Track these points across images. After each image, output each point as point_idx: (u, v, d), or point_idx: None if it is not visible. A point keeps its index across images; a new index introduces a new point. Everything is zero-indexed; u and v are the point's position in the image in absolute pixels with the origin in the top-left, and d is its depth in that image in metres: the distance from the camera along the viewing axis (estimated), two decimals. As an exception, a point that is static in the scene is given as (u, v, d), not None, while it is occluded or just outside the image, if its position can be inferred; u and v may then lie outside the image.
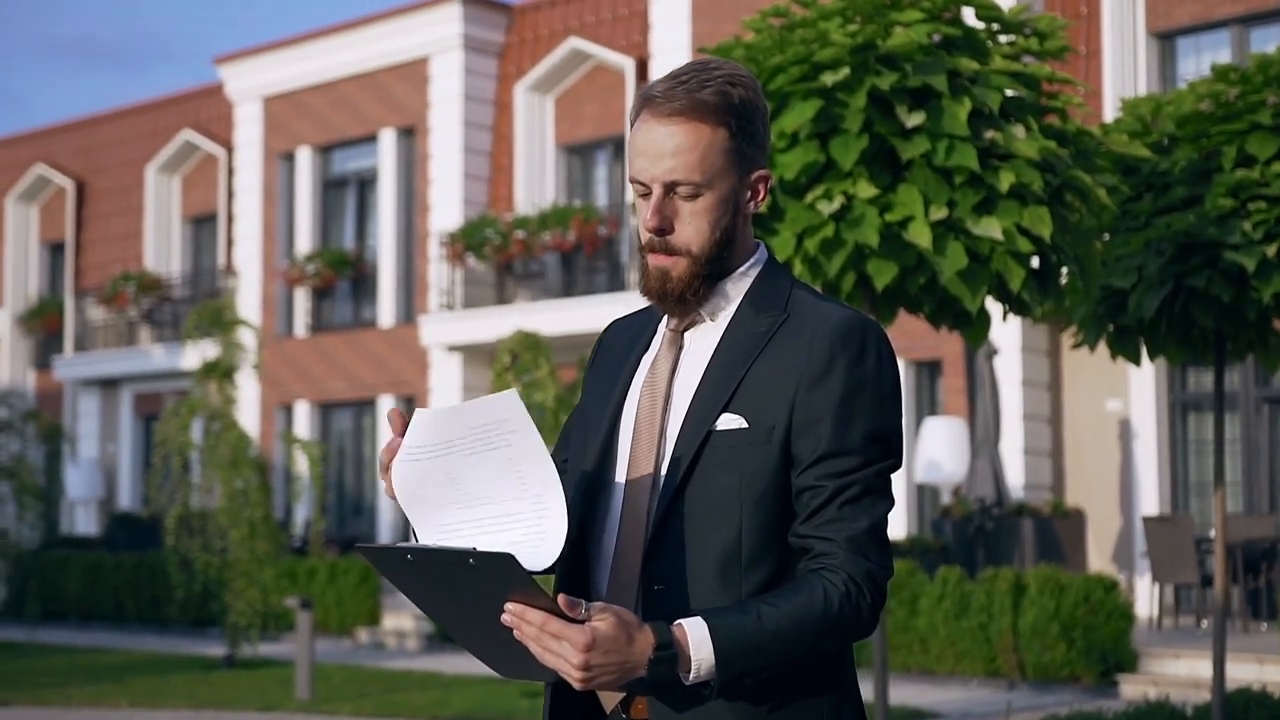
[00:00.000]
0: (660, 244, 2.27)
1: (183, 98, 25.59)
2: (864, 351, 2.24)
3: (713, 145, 2.23)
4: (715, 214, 2.26)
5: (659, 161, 2.24)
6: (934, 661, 13.27)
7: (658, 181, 2.24)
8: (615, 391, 2.38)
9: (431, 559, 2.04)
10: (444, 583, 2.07)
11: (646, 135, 2.25)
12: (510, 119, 21.21)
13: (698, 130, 2.23)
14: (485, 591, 2.03)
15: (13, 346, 27.24)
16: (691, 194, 2.24)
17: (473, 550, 2.00)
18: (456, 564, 2.01)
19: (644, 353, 2.40)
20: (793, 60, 6.13)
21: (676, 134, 2.23)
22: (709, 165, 2.23)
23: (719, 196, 2.26)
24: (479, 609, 2.06)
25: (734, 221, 2.29)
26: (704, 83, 2.24)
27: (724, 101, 2.24)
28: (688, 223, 2.26)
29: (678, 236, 2.26)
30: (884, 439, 2.23)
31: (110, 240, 26.08)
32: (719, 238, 2.27)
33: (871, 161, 6.12)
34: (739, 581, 2.20)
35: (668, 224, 2.26)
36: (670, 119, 2.23)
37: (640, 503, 2.27)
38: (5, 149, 28.25)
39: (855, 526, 2.18)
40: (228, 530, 14.93)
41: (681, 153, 2.23)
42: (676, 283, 2.28)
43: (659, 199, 2.25)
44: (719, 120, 2.24)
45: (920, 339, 16.31)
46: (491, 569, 2.00)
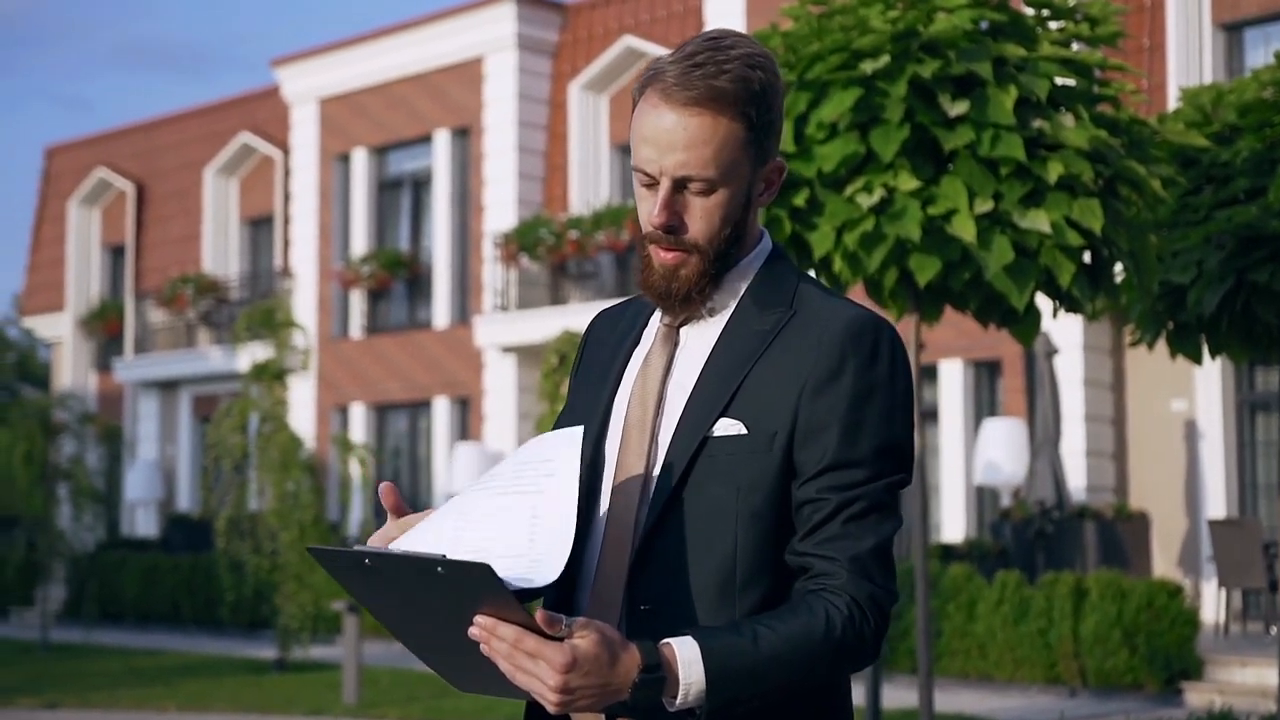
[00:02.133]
0: (667, 239, 2.07)
1: (240, 100, 25.66)
2: (876, 354, 2.03)
3: (730, 139, 2.03)
4: (727, 209, 2.06)
5: (670, 154, 2.03)
6: (992, 667, 12.98)
7: (668, 175, 2.04)
8: (603, 391, 2.18)
9: (394, 565, 1.85)
10: (406, 591, 1.88)
11: (656, 122, 2.03)
12: (564, 118, 21.07)
13: (715, 122, 2.02)
14: (453, 603, 1.85)
15: (75, 349, 27.42)
16: (704, 190, 2.04)
17: (442, 557, 1.81)
18: (423, 571, 1.82)
19: (634, 348, 2.20)
20: (831, 48, 5.93)
21: (691, 125, 2.01)
22: (724, 160, 2.03)
23: (733, 192, 2.06)
24: (444, 621, 1.88)
25: (745, 216, 2.10)
26: (722, 67, 2.02)
27: (744, 90, 2.02)
28: (698, 219, 2.06)
29: (688, 233, 2.07)
30: (895, 451, 2.03)
31: (169, 243, 26.19)
32: (730, 234, 2.08)
33: (913, 153, 5.91)
34: (733, 603, 2.00)
35: (677, 220, 2.06)
36: (685, 108, 2.01)
37: (627, 515, 2.07)
38: (67, 153, 28.47)
39: (860, 546, 1.98)
40: (278, 532, 14.87)
41: (695, 146, 2.02)
42: (684, 281, 2.08)
43: (668, 194, 2.05)
44: (738, 112, 2.02)
45: (978, 338, 16.01)
46: (463, 578, 1.81)
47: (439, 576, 1.81)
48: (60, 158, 28.61)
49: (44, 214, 28.75)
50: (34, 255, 28.82)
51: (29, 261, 28.94)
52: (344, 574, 1.93)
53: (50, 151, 28.93)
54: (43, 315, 28.19)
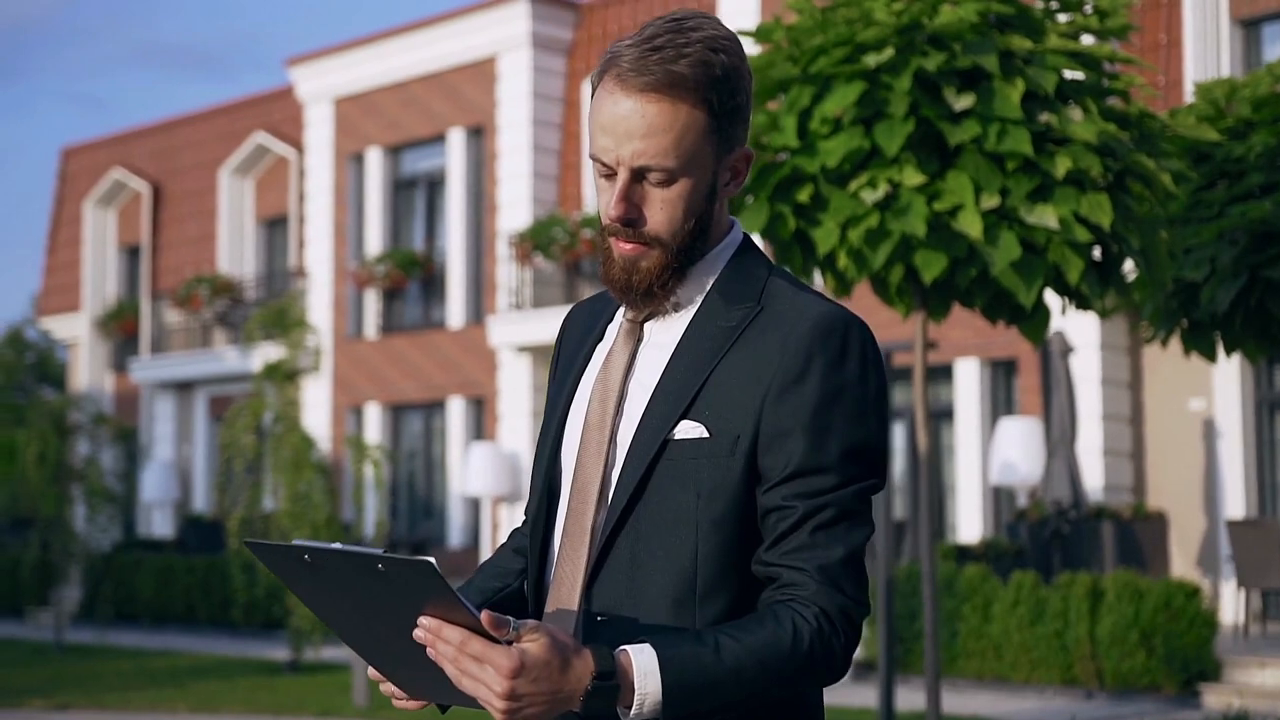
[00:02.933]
0: (626, 232, 1.98)
1: (255, 100, 25.64)
2: (845, 353, 1.94)
3: (690, 127, 1.93)
4: (690, 201, 1.96)
5: (626, 142, 1.93)
6: (1008, 669, 12.86)
7: (625, 165, 1.94)
8: (565, 390, 2.10)
9: (334, 561, 1.77)
10: (347, 589, 1.80)
11: (612, 109, 1.94)
12: (579, 117, 21.00)
13: (673, 109, 1.92)
14: (396, 603, 1.77)
15: (91, 350, 27.44)
16: (664, 180, 1.95)
17: (382, 553, 1.72)
18: (363, 569, 1.74)
19: (598, 343, 2.11)
20: (835, 41, 5.84)
21: (648, 113, 1.91)
22: (684, 149, 1.93)
23: (695, 183, 1.96)
24: (389, 623, 1.80)
25: (709, 207, 2.00)
26: (681, 51, 1.92)
27: (705, 75, 1.92)
28: (658, 210, 1.96)
29: (648, 225, 1.97)
30: (865, 455, 1.93)
31: (185, 243, 26.20)
32: (693, 226, 1.98)
33: (918, 147, 5.82)
34: (693, 613, 1.91)
35: (635, 212, 1.96)
36: (641, 94, 1.91)
37: (584, 519, 1.99)
38: (83, 154, 28.50)
39: (828, 555, 1.89)
40: (290, 533, 14.81)
41: (653, 134, 1.92)
42: (644, 274, 1.98)
43: (625, 184, 1.95)
44: (698, 98, 1.92)
45: (994, 337, 15.89)
46: (405, 577, 1.72)
47: (380, 574, 1.73)
48: (76, 158, 28.65)
49: (60, 215, 28.79)
50: (50, 256, 28.86)
51: (45, 262, 28.98)
52: (285, 571, 1.86)
53: (66, 152, 28.97)
54: (59, 316, 28.23)
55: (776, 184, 5.91)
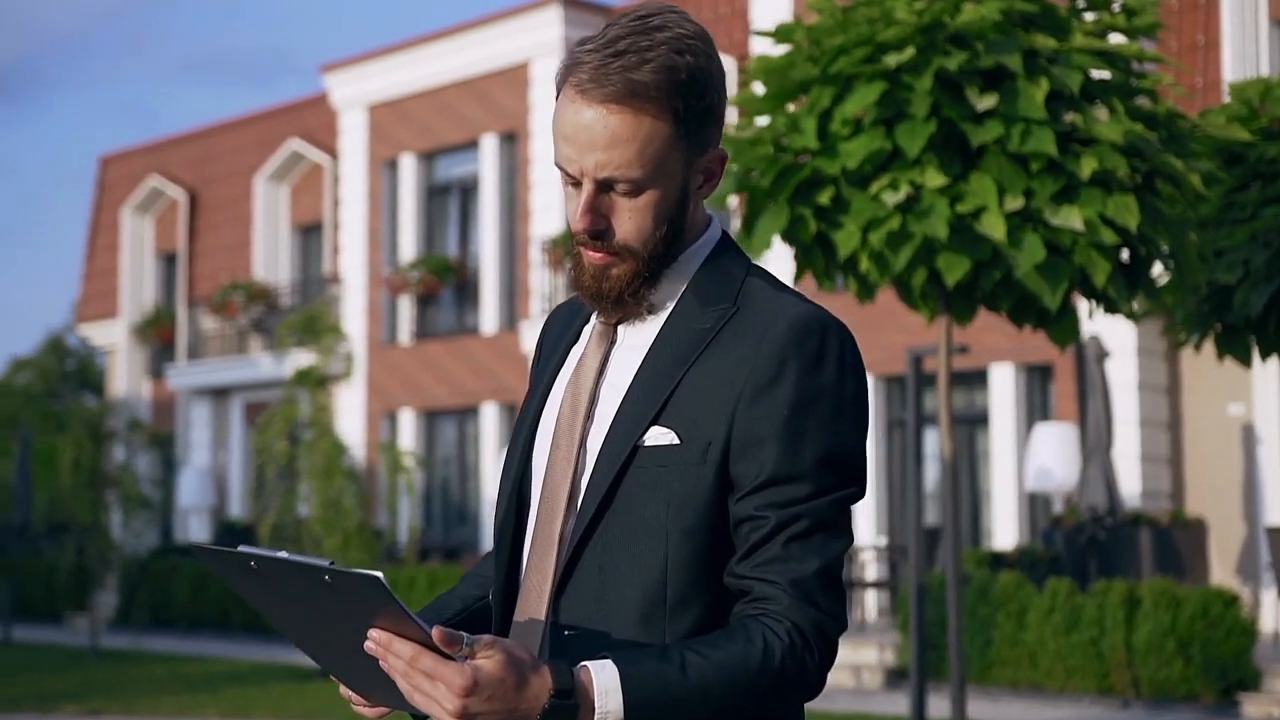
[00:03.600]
0: (595, 243, 1.91)
1: (290, 108, 25.72)
2: (822, 356, 1.86)
3: (655, 135, 1.85)
4: (659, 209, 1.89)
5: (590, 153, 1.85)
6: (1043, 677, 12.72)
7: (589, 177, 1.87)
8: (538, 393, 2.04)
9: (281, 570, 1.71)
10: (296, 597, 1.75)
11: (574, 119, 1.86)
12: (612, 122, 20.93)
13: (636, 119, 1.84)
14: (346, 615, 1.72)
15: (129, 356, 27.58)
16: (630, 191, 1.87)
17: (329, 565, 1.67)
18: (310, 580, 1.68)
19: (573, 345, 2.05)
20: (855, 41, 5.75)
21: (611, 123, 1.84)
22: (651, 158, 1.85)
23: (664, 191, 1.89)
24: (339, 631, 1.75)
25: (682, 213, 1.93)
26: (644, 56, 1.83)
27: (669, 81, 1.84)
28: (626, 221, 1.89)
29: (617, 235, 1.90)
30: (842, 462, 1.85)
31: (221, 250, 26.30)
32: (665, 233, 1.91)
33: (940, 148, 5.72)
34: (663, 627, 1.84)
35: (603, 223, 1.89)
36: (603, 105, 1.84)
37: (552, 527, 1.91)
38: (121, 161, 28.66)
39: (803, 568, 1.81)
40: (322, 539, 14.81)
41: (617, 145, 1.84)
42: (615, 282, 1.92)
43: (591, 196, 1.88)
44: (662, 105, 1.84)
45: (1029, 342, 15.74)
46: (352, 590, 1.67)
47: (328, 585, 1.68)
48: (115, 166, 28.82)
49: (99, 222, 28.96)
50: (89, 263, 29.03)
51: (84, 269, 29.16)
52: (234, 577, 1.81)
53: (105, 160, 29.14)
54: (98, 323, 28.39)
55: (797, 186, 5.83)
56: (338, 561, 14.50)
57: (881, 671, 14.10)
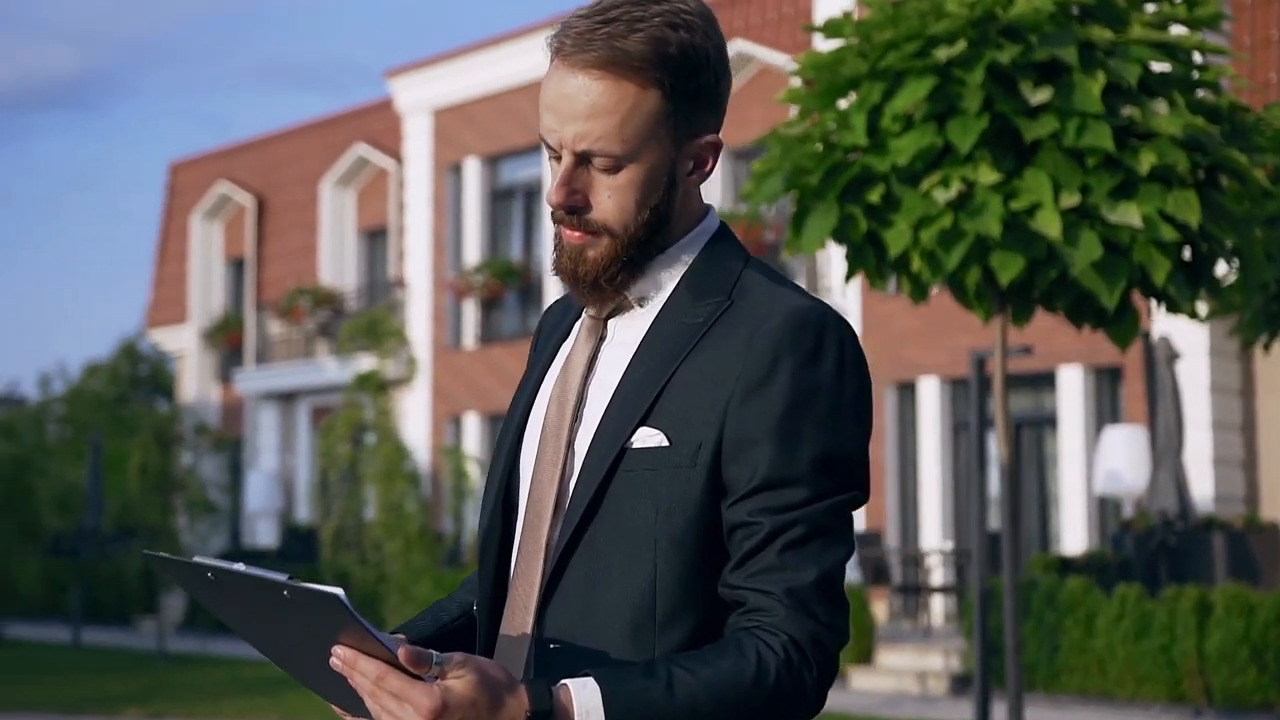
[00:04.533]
0: (571, 220, 1.81)
1: (356, 113, 25.84)
2: (819, 351, 1.74)
3: (638, 109, 1.75)
4: (641, 191, 1.79)
5: (569, 123, 1.76)
6: (1113, 685, 12.48)
7: (568, 148, 1.78)
8: (526, 392, 1.93)
9: (239, 583, 1.64)
10: (258, 610, 1.68)
11: (557, 86, 1.77)
12: (675, 124, 20.84)
13: (619, 88, 1.74)
14: (308, 629, 1.64)
15: (199, 361, 27.81)
16: (609, 167, 1.77)
17: (288, 580, 1.59)
18: (269, 593, 1.61)
19: (564, 341, 1.95)
20: (906, 35, 5.62)
21: (591, 90, 1.74)
22: (632, 133, 1.76)
23: (646, 170, 1.78)
24: (305, 646, 1.67)
25: (668, 197, 1.81)
26: (634, 26, 1.74)
27: (656, 52, 1.74)
28: (605, 199, 1.79)
29: (594, 213, 1.80)
30: (841, 465, 1.74)
31: (288, 255, 26.46)
32: (647, 218, 1.80)
33: (993, 144, 5.58)
34: (652, 641, 1.73)
35: (580, 200, 1.79)
36: (585, 71, 1.75)
37: (539, 536, 1.81)
38: (191, 168, 28.92)
39: (799, 577, 1.69)
40: (383, 543, 14.82)
41: (597, 115, 1.75)
42: (591, 265, 1.81)
43: (568, 169, 1.78)
44: (648, 78, 1.75)
45: (1099, 343, 15.45)
46: (311, 606, 1.58)
47: (286, 600, 1.59)
48: (184, 172, 29.08)
49: (169, 228, 29.24)
50: (159, 269, 29.31)
51: (155, 275, 29.44)
52: (193, 587, 1.73)
53: (175, 167, 29.42)
54: (168, 328, 28.65)
55: (847, 184, 5.71)
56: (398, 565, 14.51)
57: (947, 678, 13.91)
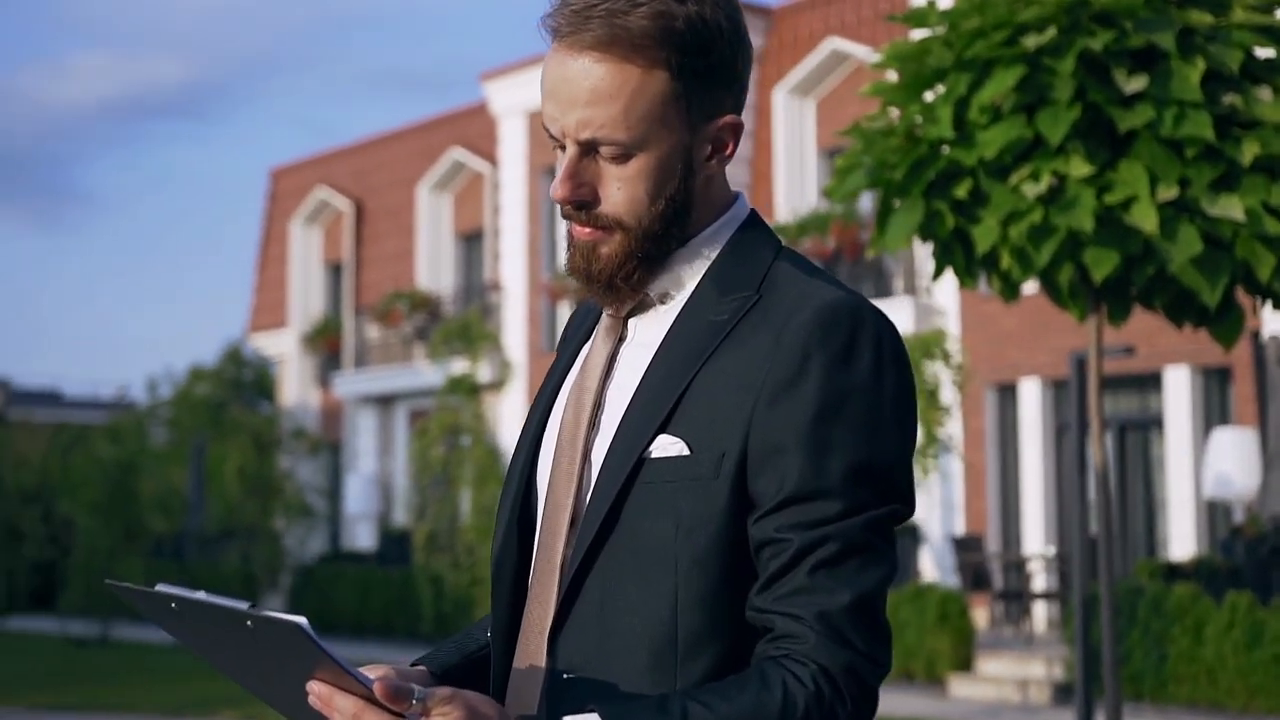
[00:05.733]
0: (580, 216, 1.66)
1: (452, 117, 25.90)
2: (853, 348, 1.58)
3: (644, 92, 1.60)
4: (654, 180, 1.63)
5: (571, 110, 1.61)
6: (1224, 696, 12.10)
7: (571, 138, 1.63)
8: (544, 399, 1.78)
9: (201, 612, 1.53)
10: (225, 639, 1.57)
11: (556, 70, 1.63)
12: (770, 125, 20.64)
13: (622, 70, 1.59)
14: (279, 659, 1.52)
15: (299, 365, 28.05)
16: (617, 156, 1.62)
17: (249, 608, 1.47)
18: (233, 623, 1.50)
19: (584, 344, 1.80)
20: (993, 24, 5.41)
21: (592, 73, 1.60)
22: (639, 119, 1.61)
23: (658, 158, 1.63)
24: (274, 673, 1.56)
25: (686, 186, 1.66)
26: (635, 2, 1.59)
27: (661, 29, 1.59)
28: (615, 190, 1.64)
29: (604, 206, 1.65)
30: (878, 475, 1.57)
31: (385, 259, 26.60)
32: (663, 209, 1.65)
33: (1086, 135, 5.35)
34: (673, 671, 1.57)
35: (587, 193, 1.64)
36: (585, 54, 1.60)
37: (553, 556, 1.66)
38: (291, 174, 29.19)
39: (832, 600, 1.52)
40: (476, 547, 14.80)
41: (599, 101, 1.60)
42: (605, 262, 1.66)
43: (573, 161, 1.64)
44: (653, 57, 1.60)
45: (1207, 342, 15.02)
46: (275, 636, 1.47)
47: (250, 630, 1.48)
48: (284, 179, 29.37)
49: (270, 233, 29.54)
50: (261, 274, 29.62)
51: (256, 281, 29.76)
52: (158, 617, 1.62)
53: (275, 173, 29.72)
54: (269, 333, 28.94)
55: (932, 179, 5.51)
56: (481, 576, 14.43)
57: (1049, 686, 13.57)
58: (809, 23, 20.65)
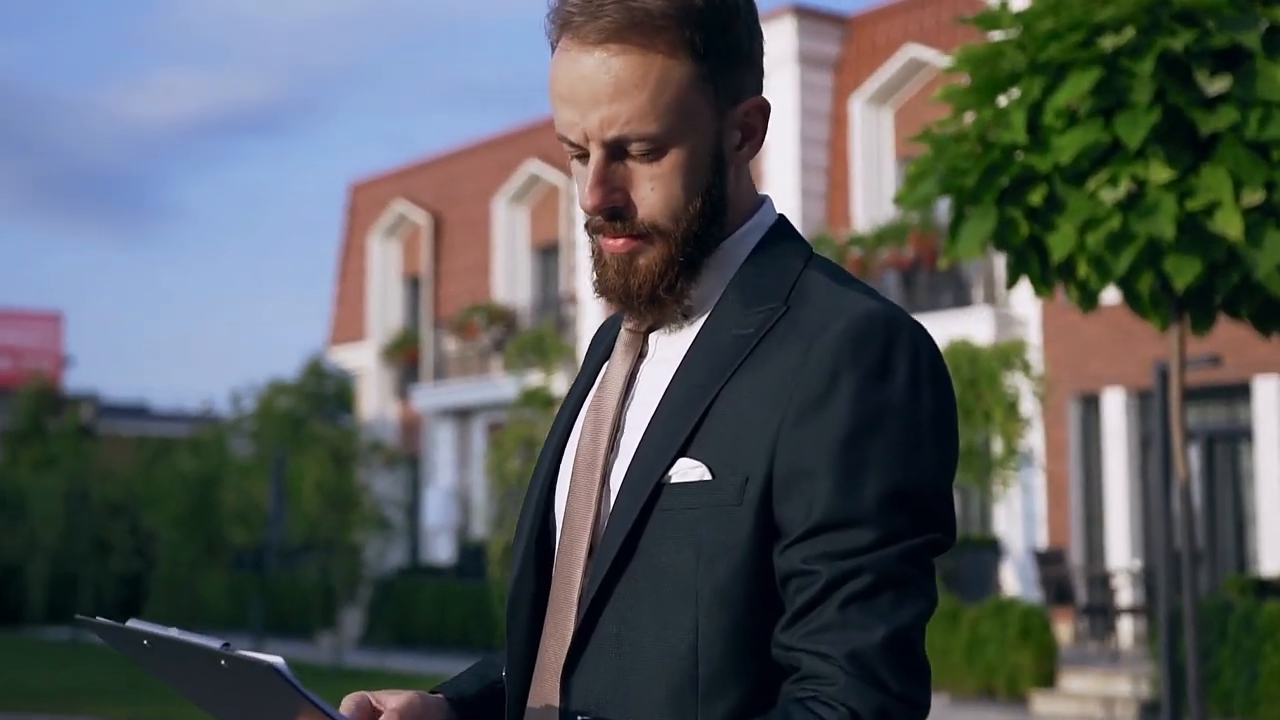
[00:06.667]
0: (614, 226, 1.53)
1: (528, 130, 25.93)
2: (888, 363, 1.45)
3: (670, 77, 1.48)
4: (690, 175, 1.51)
5: (592, 110, 1.49)
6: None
7: (596, 140, 1.50)
8: (564, 417, 1.67)
9: (175, 650, 1.46)
10: (201, 677, 1.49)
11: (570, 70, 1.50)
12: (847, 134, 20.45)
13: (644, 59, 1.48)
14: (255, 697, 1.44)
15: (378, 378, 28.18)
16: (649, 152, 1.50)
17: (223, 647, 1.39)
18: (208, 662, 1.42)
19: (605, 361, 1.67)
20: (1069, 25, 5.23)
21: (613, 67, 1.48)
22: (668, 107, 1.48)
23: (692, 150, 1.51)
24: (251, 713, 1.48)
25: (719, 180, 1.54)
26: None
27: (680, 7, 1.47)
28: (649, 192, 1.51)
29: (640, 212, 1.52)
30: (915, 501, 1.44)
31: (463, 272, 26.68)
32: (700, 207, 1.52)
33: (1166, 139, 5.16)
34: (693, 713, 1.45)
35: (620, 199, 1.51)
36: (601, 46, 1.48)
37: (569, 588, 1.55)
38: (370, 188, 29.37)
39: (864, 638, 1.40)
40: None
41: (624, 95, 1.48)
42: (644, 275, 1.53)
43: (601, 165, 1.51)
44: (675, 39, 1.48)
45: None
46: (251, 676, 1.39)
47: (225, 670, 1.40)
48: (363, 193, 29.55)
49: (349, 247, 29.72)
50: (340, 288, 29.81)
51: (336, 294, 29.96)
52: (132, 651, 1.54)
53: (355, 187, 29.91)
54: (348, 346, 29.11)
55: (1006, 186, 5.34)
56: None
57: (1135, 704, 13.27)
58: (886, 30, 20.45)
